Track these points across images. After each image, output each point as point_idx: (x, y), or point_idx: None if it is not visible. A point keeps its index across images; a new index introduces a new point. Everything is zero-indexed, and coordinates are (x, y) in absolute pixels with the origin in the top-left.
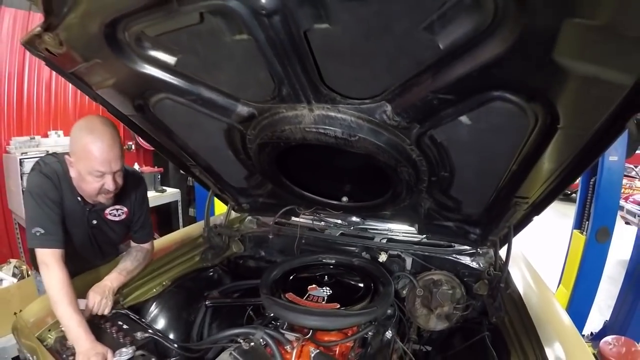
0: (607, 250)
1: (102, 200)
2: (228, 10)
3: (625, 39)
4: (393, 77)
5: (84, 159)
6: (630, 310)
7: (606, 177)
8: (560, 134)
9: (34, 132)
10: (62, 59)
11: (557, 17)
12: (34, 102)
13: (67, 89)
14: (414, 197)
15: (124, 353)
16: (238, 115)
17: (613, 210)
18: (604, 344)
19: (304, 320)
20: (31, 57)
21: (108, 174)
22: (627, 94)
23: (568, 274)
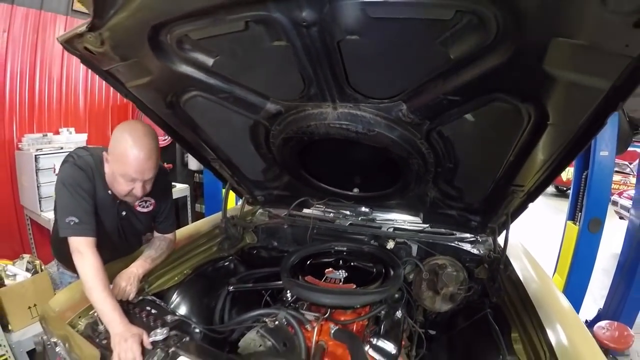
0: (599, 239)
1: (129, 200)
2: (272, 20)
3: (601, 53)
4: (410, 81)
5: (120, 162)
6: (622, 299)
7: (597, 171)
8: (550, 129)
9: (46, 129)
10: (99, 57)
11: (546, 37)
12: (45, 100)
13: (77, 87)
14: (421, 187)
15: (158, 333)
16: (266, 112)
17: (604, 202)
18: (598, 328)
19: (324, 299)
20: (42, 55)
21: (139, 181)
22: (604, 96)
23: (562, 263)
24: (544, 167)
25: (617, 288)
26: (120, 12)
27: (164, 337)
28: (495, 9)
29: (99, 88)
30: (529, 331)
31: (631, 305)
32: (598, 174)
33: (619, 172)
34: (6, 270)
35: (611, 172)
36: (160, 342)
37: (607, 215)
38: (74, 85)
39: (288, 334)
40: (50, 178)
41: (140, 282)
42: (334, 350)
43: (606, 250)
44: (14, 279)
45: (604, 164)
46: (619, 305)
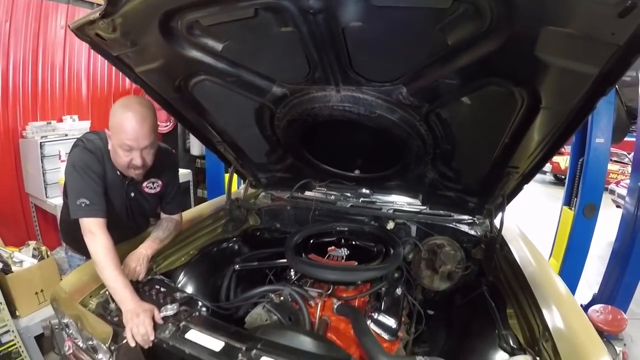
0: (594, 225)
1: (133, 175)
2: (280, 8)
3: (589, 41)
4: (410, 66)
5: (117, 133)
6: (615, 285)
7: (593, 158)
8: (543, 112)
9: (50, 117)
10: (110, 43)
11: (537, 25)
12: (48, 88)
13: (80, 75)
14: (420, 168)
15: (169, 309)
16: (272, 95)
17: (599, 188)
18: (592, 311)
19: (328, 275)
20: (45, 44)
21: (136, 150)
22: (593, 82)
23: (558, 247)
24: (538, 149)
25: (611, 274)
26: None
27: (174, 312)
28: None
29: (101, 75)
30: (523, 307)
31: (625, 291)
32: (593, 160)
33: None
34: (13, 257)
35: (606, 159)
36: (171, 317)
37: (604, 203)
38: (77, 73)
39: (293, 309)
40: (56, 165)
41: (149, 263)
42: (337, 324)
43: (603, 238)
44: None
45: (599, 151)
46: (613, 291)
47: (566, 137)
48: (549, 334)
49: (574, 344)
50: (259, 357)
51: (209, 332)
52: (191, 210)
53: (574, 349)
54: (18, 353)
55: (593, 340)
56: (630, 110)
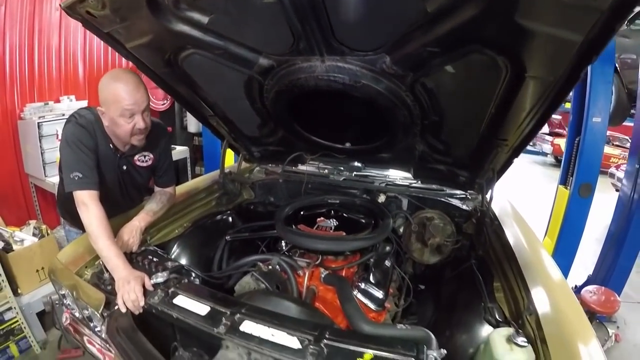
0: (589, 204)
1: (135, 142)
2: None
3: (571, 7)
4: (391, 34)
5: (114, 103)
6: (610, 266)
7: (589, 136)
8: (528, 81)
9: (47, 98)
10: (100, 20)
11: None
12: (45, 69)
13: (76, 56)
14: (409, 140)
15: (159, 276)
16: (259, 66)
17: (595, 168)
18: (585, 292)
19: (315, 244)
20: (40, 26)
21: (137, 114)
22: (578, 49)
23: (553, 226)
24: (526, 121)
25: (607, 255)
26: None
27: (164, 280)
28: None
29: (97, 56)
30: (510, 281)
31: (619, 273)
32: (590, 139)
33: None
34: (14, 236)
35: (603, 138)
36: (161, 284)
37: (604, 187)
38: (73, 54)
39: (281, 278)
40: (54, 144)
41: (143, 235)
42: (324, 294)
43: (601, 221)
44: (22, 244)
45: (596, 130)
46: (608, 273)
47: (554, 107)
48: (533, 308)
49: (559, 318)
50: (242, 320)
51: (196, 297)
52: (185, 184)
53: (558, 323)
54: (20, 330)
55: (578, 316)
56: (630, 92)
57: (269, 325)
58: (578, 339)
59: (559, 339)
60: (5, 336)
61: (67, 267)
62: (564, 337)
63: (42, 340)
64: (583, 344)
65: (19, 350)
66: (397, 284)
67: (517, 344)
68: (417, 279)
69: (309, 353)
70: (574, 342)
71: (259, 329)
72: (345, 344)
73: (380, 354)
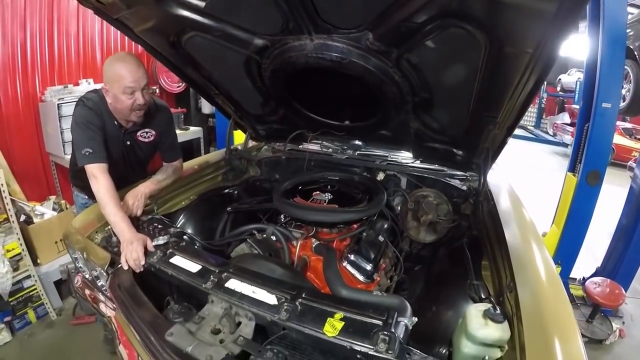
0: (598, 193)
1: (135, 118)
2: None
3: None
4: (370, 10)
5: (117, 81)
6: (619, 258)
7: (598, 122)
8: (508, 56)
9: (66, 82)
10: (109, 7)
11: None
12: (64, 54)
13: (94, 41)
14: (402, 117)
15: (160, 239)
16: (255, 46)
17: (604, 155)
18: (590, 283)
19: (307, 215)
20: (59, 13)
21: (138, 91)
22: (552, 20)
23: (560, 214)
24: (513, 97)
25: (615, 248)
26: None
27: (165, 242)
28: None
29: (114, 40)
30: (497, 260)
31: (627, 267)
32: (599, 125)
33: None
34: (35, 210)
35: (613, 125)
36: (161, 246)
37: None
38: (91, 39)
39: (274, 246)
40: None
41: (149, 202)
42: (315, 264)
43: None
44: (42, 218)
45: (605, 116)
46: (616, 265)
47: (538, 84)
48: (513, 285)
49: (538, 298)
50: (228, 278)
51: (190, 258)
52: (194, 160)
53: (536, 301)
54: (38, 297)
55: (559, 298)
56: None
57: (251, 284)
58: (555, 320)
59: (536, 318)
60: (24, 303)
61: (79, 231)
62: (541, 317)
63: (58, 307)
64: (560, 326)
65: (36, 316)
66: (393, 262)
67: (492, 319)
68: (412, 257)
69: (284, 309)
70: (550, 322)
71: (242, 286)
72: (319, 304)
73: (350, 315)
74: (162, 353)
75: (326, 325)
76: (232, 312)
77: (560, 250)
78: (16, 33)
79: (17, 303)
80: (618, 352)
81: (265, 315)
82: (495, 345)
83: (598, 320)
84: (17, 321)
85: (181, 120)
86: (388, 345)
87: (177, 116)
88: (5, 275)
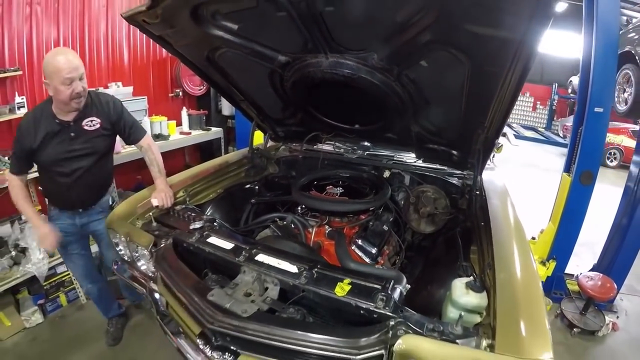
0: (591, 192)
1: (75, 105)
2: (275, 2)
3: (505, 12)
4: (375, 37)
5: (56, 73)
6: (614, 254)
7: (590, 126)
8: (486, 73)
9: (97, 85)
10: (154, 26)
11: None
12: (95, 59)
13: (122, 47)
14: (405, 122)
15: (197, 223)
16: (279, 62)
17: (596, 156)
18: (583, 277)
19: (321, 206)
20: (90, 21)
21: (76, 80)
22: (518, 45)
23: (556, 212)
24: (495, 106)
25: (610, 244)
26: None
27: (200, 226)
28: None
29: (140, 46)
30: (482, 244)
31: (621, 262)
32: (591, 128)
33: None
34: None
35: (605, 128)
36: (197, 229)
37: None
38: (119, 45)
39: (293, 232)
40: None
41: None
42: (328, 248)
43: None
44: None
45: (597, 119)
46: (611, 261)
47: (516, 93)
48: (493, 264)
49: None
50: (257, 254)
51: (224, 238)
52: (219, 158)
53: (509, 277)
54: (70, 282)
55: (529, 273)
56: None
57: (276, 257)
58: (524, 292)
59: (508, 290)
60: (57, 287)
61: (122, 218)
62: (512, 289)
63: None
64: (528, 296)
65: (67, 300)
66: (396, 250)
67: (473, 289)
68: (415, 247)
69: (303, 276)
70: (520, 293)
71: (269, 259)
72: (331, 272)
73: (356, 281)
74: (205, 309)
75: (337, 287)
76: (261, 279)
77: (556, 246)
78: (50, 36)
79: (50, 287)
80: (610, 344)
81: (288, 280)
82: (475, 311)
83: (592, 313)
84: (50, 304)
85: (202, 121)
86: (385, 303)
87: (199, 117)
88: (42, 261)
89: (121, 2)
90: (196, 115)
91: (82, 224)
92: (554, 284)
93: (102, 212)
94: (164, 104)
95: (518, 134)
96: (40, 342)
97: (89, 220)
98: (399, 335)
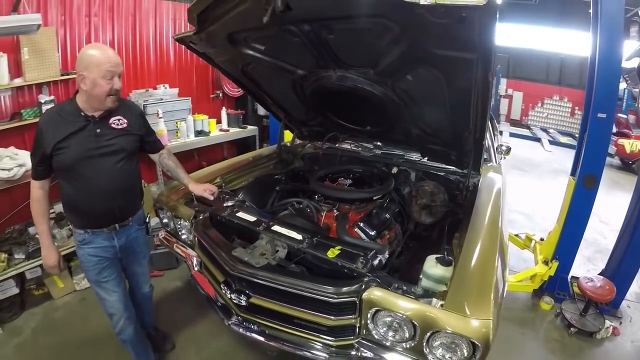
0: (594, 196)
1: (110, 103)
2: (290, 30)
3: (457, 38)
4: (369, 57)
5: (97, 66)
6: (620, 259)
7: (593, 131)
8: (459, 87)
9: (146, 86)
10: (199, 46)
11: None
12: (145, 63)
13: (169, 52)
14: (405, 124)
15: (230, 202)
16: (298, 75)
17: (600, 160)
18: (583, 278)
19: (330, 193)
20: (140, 29)
21: (116, 75)
22: (476, 62)
23: (561, 214)
24: (472, 112)
25: (617, 248)
26: (212, 26)
27: (232, 204)
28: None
29: (185, 52)
30: (464, 231)
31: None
32: (594, 133)
33: None
34: None
35: (608, 133)
36: (230, 206)
37: None
38: (166, 50)
39: (308, 214)
40: (155, 120)
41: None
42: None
43: None
44: None
45: (600, 125)
46: (618, 265)
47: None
48: (461, 244)
49: (472, 252)
50: (273, 225)
51: (249, 214)
52: (251, 152)
53: (469, 255)
54: None
55: (488, 252)
56: None
57: (287, 228)
58: (478, 265)
59: (465, 264)
60: None
61: (168, 196)
62: (469, 264)
63: None
64: (480, 268)
65: None
66: (399, 238)
67: (441, 263)
68: (416, 236)
69: (305, 242)
70: (475, 267)
71: (282, 229)
72: (327, 241)
73: (345, 249)
74: (229, 261)
75: (329, 252)
76: (273, 242)
77: (559, 247)
78: (106, 41)
79: None
80: (608, 347)
81: (293, 245)
82: (442, 281)
83: (592, 316)
84: None
85: (240, 120)
86: (363, 265)
87: (237, 117)
88: None
89: (167, 12)
90: (234, 115)
91: (121, 245)
92: (558, 285)
93: (140, 229)
94: (206, 104)
95: (553, 140)
96: (89, 302)
97: (127, 238)
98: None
